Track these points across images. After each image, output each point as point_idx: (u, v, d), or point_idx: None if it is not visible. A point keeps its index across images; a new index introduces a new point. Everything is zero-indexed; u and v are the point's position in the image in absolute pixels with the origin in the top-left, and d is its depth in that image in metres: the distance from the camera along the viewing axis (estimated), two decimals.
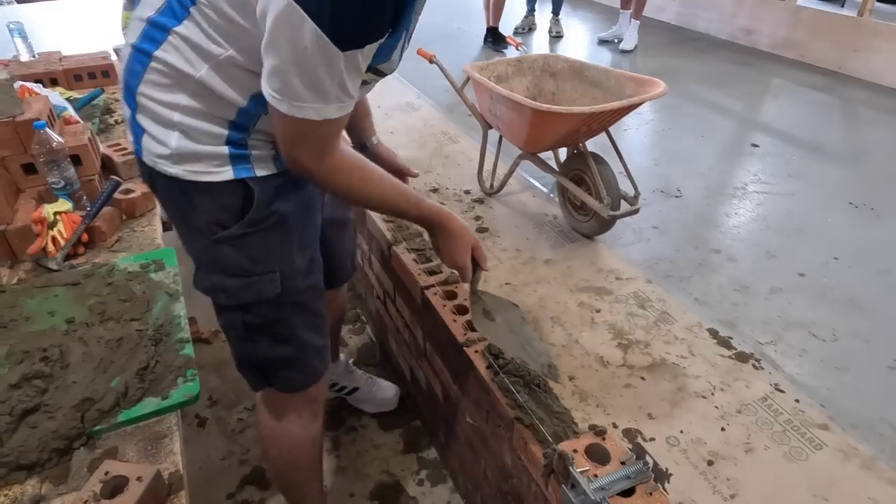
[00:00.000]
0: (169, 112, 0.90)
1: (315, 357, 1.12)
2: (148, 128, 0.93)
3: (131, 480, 0.81)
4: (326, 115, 0.83)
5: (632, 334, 1.88)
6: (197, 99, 0.88)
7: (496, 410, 1.00)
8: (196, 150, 0.92)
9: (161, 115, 0.91)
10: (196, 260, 1.05)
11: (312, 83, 0.79)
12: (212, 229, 0.97)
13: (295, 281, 1.03)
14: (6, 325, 1.14)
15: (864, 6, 4.14)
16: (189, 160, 0.92)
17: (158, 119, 0.91)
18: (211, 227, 0.97)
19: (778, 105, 3.76)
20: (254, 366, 1.11)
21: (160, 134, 0.92)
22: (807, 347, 1.81)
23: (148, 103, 0.91)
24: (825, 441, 1.51)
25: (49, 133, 1.46)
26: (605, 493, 0.74)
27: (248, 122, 0.92)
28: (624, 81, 2.25)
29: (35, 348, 1.06)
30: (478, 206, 2.62)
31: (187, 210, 0.97)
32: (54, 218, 1.42)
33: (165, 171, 0.93)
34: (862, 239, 2.35)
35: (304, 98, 0.80)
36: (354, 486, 1.42)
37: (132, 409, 0.98)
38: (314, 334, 1.10)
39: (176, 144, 0.91)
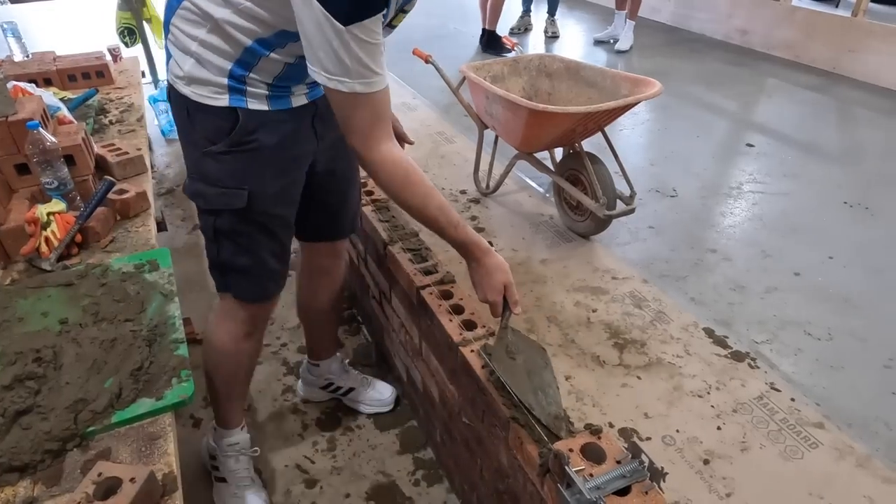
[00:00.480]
0: (189, 42, 1.07)
1: (269, 278, 1.29)
2: (173, 52, 1.12)
3: (125, 482, 0.81)
4: (353, 88, 0.94)
5: (628, 334, 1.88)
6: (213, 35, 1.04)
7: (492, 410, 1.00)
8: (203, 77, 1.08)
9: (183, 44, 1.08)
10: (188, 168, 1.22)
11: (331, 56, 0.91)
12: (203, 143, 1.14)
13: (263, 203, 1.19)
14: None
15: (858, 7, 4.15)
16: (197, 83, 1.09)
17: (181, 46, 1.09)
18: (203, 142, 1.14)
19: (773, 105, 3.77)
20: (217, 268, 1.28)
21: (180, 58, 1.10)
22: (802, 346, 1.81)
23: (176, 32, 1.09)
24: (820, 440, 1.51)
25: (42, 133, 1.46)
26: (601, 493, 0.74)
27: (252, 60, 1.06)
28: (619, 81, 2.25)
29: (28, 349, 1.05)
30: (474, 206, 2.62)
31: (188, 124, 1.15)
32: (48, 218, 1.41)
33: (179, 89, 1.12)
34: (857, 238, 2.35)
35: (330, 70, 0.93)
36: (350, 486, 1.42)
37: (126, 410, 0.97)
38: (274, 259, 1.27)
39: (188, 69, 1.09)
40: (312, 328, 1.66)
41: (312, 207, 1.36)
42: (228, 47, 1.05)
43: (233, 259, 1.25)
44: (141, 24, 3.52)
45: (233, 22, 1.01)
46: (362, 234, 1.59)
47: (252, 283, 1.29)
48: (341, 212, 1.44)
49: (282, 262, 1.31)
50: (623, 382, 1.70)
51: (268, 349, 1.83)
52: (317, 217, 1.42)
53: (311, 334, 1.66)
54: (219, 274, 1.30)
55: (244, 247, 1.24)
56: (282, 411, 1.62)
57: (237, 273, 1.27)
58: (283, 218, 1.26)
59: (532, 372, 1.10)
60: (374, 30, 0.92)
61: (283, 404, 1.64)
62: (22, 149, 1.49)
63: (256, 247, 1.24)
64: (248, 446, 1.42)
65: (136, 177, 1.73)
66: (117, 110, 2.29)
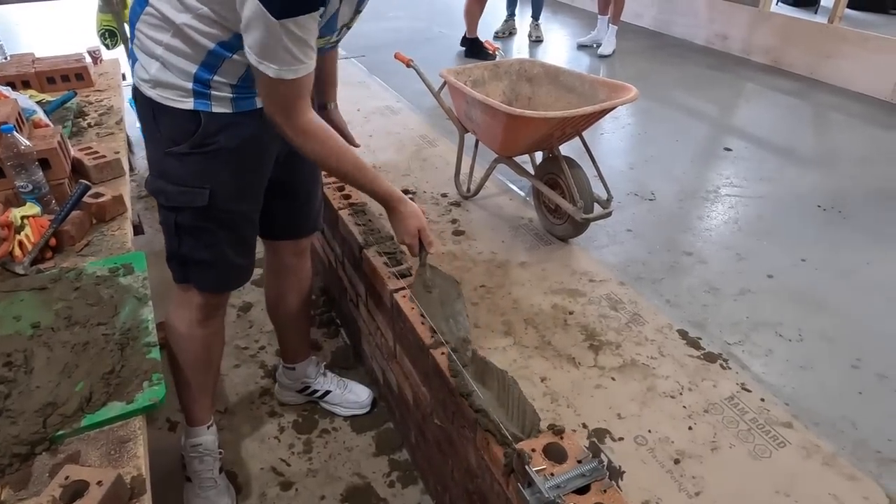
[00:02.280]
0: (154, 46, 1.11)
1: (232, 271, 1.34)
2: (139, 56, 1.16)
3: (91, 485, 0.81)
4: (280, 75, 1.00)
5: (603, 335, 1.91)
6: (176, 39, 1.08)
7: (461, 412, 1.01)
8: (169, 81, 1.12)
9: (148, 48, 1.12)
10: (150, 165, 1.26)
11: (263, 42, 0.97)
12: (167, 144, 1.18)
13: (224, 200, 1.23)
14: None
15: (835, 13, 4.23)
16: (162, 87, 1.14)
17: (146, 50, 1.13)
18: (166, 142, 1.18)
19: (751, 109, 3.83)
20: (177, 260, 1.31)
21: (146, 62, 1.14)
22: (773, 347, 1.85)
23: (141, 37, 1.13)
24: (789, 439, 1.55)
25: (16, 137, 1.45)
26: (561, 491, 0.76)
27: (216, 62, 1.10)
28: (597, 86, 2.29)
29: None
30: (454, 210, 2.63)
31: (153, 125, 1.19)
32: (22, 222, 1.41)
33: (144, 91, 1.16)
34: (829, 241, 2.40)
35: (261, 55, 0.99)
36: (325, 488, 1.42)
37: (96, 414, 0.97)
38: (236, 254, 1.31)
39: (154, 72, 1.13)
40: (283, 330, 1.66)
41: (276, 205, 1.38)
42: (192, 51, 1.09)
43: (193, 253, 1.28)
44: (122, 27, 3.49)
45: (194, 26, 1.06)
46: (339, 237, 1.61)
47: (214, 275, 1.33)
48: (305, 209, 1.46)
49: (245, 256, 1.35)
50: (597, 384, 1.72)
51: (245, 352, 1.84)
52: (281, 215, 1.44)
53: (283, 337, 1.67)
54: (178, 266, 1.33)
55: (205, 242, 1.27)
56: (259, 414, 1.62)
57: (197, 266, 1.31)
58: (246, 214, 1.30)
59: (445, 303, 1.25)
60: (307, 26, 0.98)
61: (260, 407, 1.65)
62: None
63: (218, 242, 1.28)
64: (214, 447, 1.42)
65: (113, 180, 1.73)
66: (96, 113, 2.28)
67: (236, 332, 1.91)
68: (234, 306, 2.04)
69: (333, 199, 1.58)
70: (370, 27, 5.54)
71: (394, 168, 2.99)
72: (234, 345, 1.86)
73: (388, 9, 6.21)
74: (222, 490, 1.40)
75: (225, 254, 1.29)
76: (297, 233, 1.51)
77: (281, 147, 1.28)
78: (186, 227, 1.26)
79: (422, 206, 2.64)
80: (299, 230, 1.51)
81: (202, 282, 1.33)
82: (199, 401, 1.44)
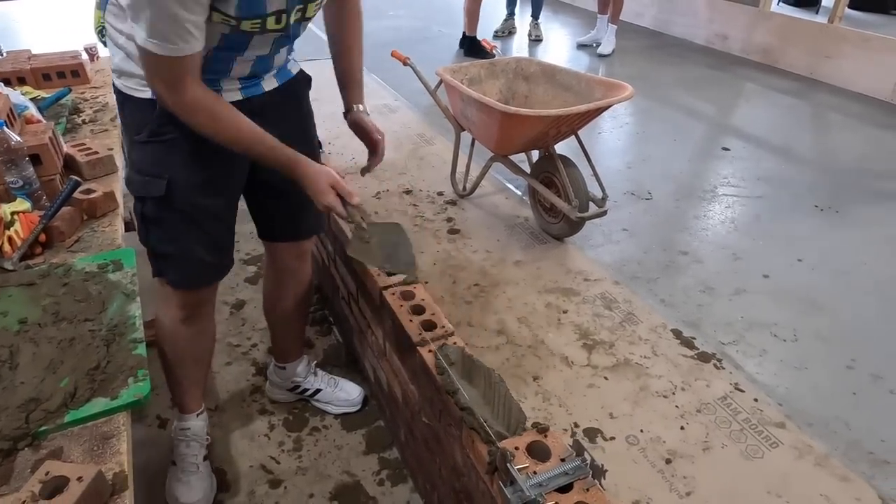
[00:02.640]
0: (117, 36, 1.15)
1: (198, 267, 1.31)
2: (109, 47, 1.20)
3: (72, 480, 0.81)
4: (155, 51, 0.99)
5: (597, 335, 1.90)
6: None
7: (447, 409, 1.01)
8: (130, 70, 1.16)
9: (114, 38, 1.16)
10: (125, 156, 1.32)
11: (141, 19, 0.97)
12: (132, 132, 1.22)
13: (184, 192, 1.23)
14: None
15: (835, 13, 4.22)
16: (125, 76, 1.17)
17: (113, 40, 1.17)
18: (132, 131, 1.22)
19: (750, 109, 3.82)
20: (149, 253, 1.33)
21: (113, 52, 1.19)
22: (767, 347, 1.84)
23: (108, 27, 1.18)
24: (781, 439, 1.54)
25: (7, 132, 1.45)
26: (543, 490, 0.75)
27: None
28: (593, 85, 2.28)
29: None
30: (450, 208, 2.63)
31: (122, 114, 1.25)
32: (11, 217, 1.40)
33: (114, 81, 1.20)
34: (825, 241, 2.39)
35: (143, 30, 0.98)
36: (315, 486, 1.42)
37: (80, 410, 0.97)
38: (202, 249, 1.29)
39: (118, 62, 1.18)
40: (278, 330, 1.65)
41: (271, 207, 1.37)
42: None
43: (158, 245, 1.29)
44: None
45: None
46: (330, 234, 1.60)
47: (179, 271, 1.31)
48: (301, 212, 1.43)
49: (213, 253, 1.32)
50: (590, 383, 1.72)
51: (237, 350, 1.83)
52: (277, 215, 1.43)
53: (277, 336, 1.66)
54: (152, 259, 1.33)
55: (169, 235, 1.27)
56: (249, 412, 1.62)
57: (164, 259, 1.31)
58: (209, 209, 1.27)
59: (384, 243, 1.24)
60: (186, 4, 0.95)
61: (251, 405, 1.64)
62: None
63: (181, 236, 1.27)
64: (202, 434, 1.43)
65: (105, 177, 1.72)
66: (91, 110, 2.28)
67: (229, 330, 1.91)
68: (227, 303, 2.03)
69: None
70: (369, 26, 5.51)
71: (391, 166, 2.99)
72: (227, 342, 1.85)
73: (389, 7, 6.20)
74: (203, 477, 1.39)
75: (191, 249, 1.28)
76: (294, 234, 1.49)
77: None
78: (151, 217, 1.26)
79: (418, 204, 2.64)
80: (297, 232, 1.49)
81: (171, 276, 1.32)
82: (189, 392, 1.45)
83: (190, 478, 1.39)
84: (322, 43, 1.47)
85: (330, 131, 3.39)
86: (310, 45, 5.69)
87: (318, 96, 4.28)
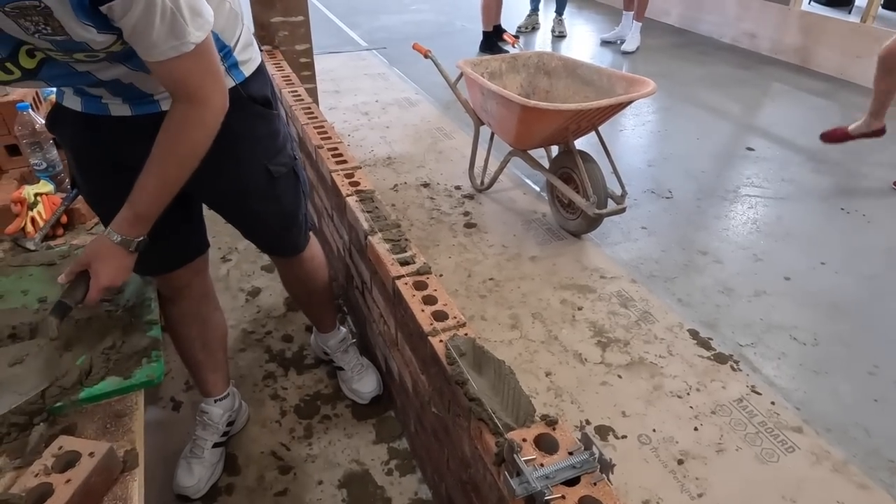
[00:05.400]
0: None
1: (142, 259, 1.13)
2: None
3: (83, 456, 0.82)
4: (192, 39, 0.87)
5: (612, 332, 1.88)
6: None
7: (456, 400, 1.00)
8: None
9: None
10: None
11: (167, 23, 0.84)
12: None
13: (86, 198, 1.23)
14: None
15: (868, 13, 4.11)
16: None
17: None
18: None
19: (776, 109, 3.74)
20: None
21: None
22: (786, 351, 1.80)
23: None
24: (798, 444, 1.51)
25: (32, 115, 1.47)
26: (549, 482, 0.74)
27: None
28: (615, 80, 2.25)
29: (4, 325, 1.07)
30: (468, 202, 2.62)
31: None
32: (34, 199, 1.43)
33: None
34: (851, 245, 2.33)
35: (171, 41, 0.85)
36: (323, 473, 1.42)
37: (94, 388, 0.98)
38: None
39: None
40: (300, 306, 1.73)
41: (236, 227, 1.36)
42: None
43: None
44: None
45: None
46: (346, 224, 1.60)
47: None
48: (261, 234, 1.38)
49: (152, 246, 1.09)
50: (603, 380, 1.70)
51: (252, 337, 1.84)
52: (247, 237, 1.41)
53: (303, 310, 1.73)
54: None
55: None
56: (261, 398, 1.63)
57: None
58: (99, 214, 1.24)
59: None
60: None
61: (263, 390, 1.65)
62: (12, 130, 1.51)
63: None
64: (219, 421, 1.43)
65: None
66: None
67: (244, 317, 1.92)
68: (242, 290, 2.05)
69: (342, 186, 1.57)
70: (392, 20, 5.53)
71: (409, 159, 2.99)
72: (241, 329, 1.87)
73: (411, 1, 6.19)
74: (206, 465, 1.39)
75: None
76: (273, 251, 1.46)
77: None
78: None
79: (435, 197, 2.64)
80: (276, 250, 1.45)
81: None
82: (198, 376, 1.46)
83: (191, 461, 1.40)
84: (345, 36, 1.46)
85: (348, 123, 3.40)
86: (333, 38, 5.68)
87: (339, 88, 4.29)
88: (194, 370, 1.45)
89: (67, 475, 0.80)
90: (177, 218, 1.18)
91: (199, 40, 0.88)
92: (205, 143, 0.98)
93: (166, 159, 0.97)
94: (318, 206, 2.03)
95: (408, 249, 1.34)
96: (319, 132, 1.87)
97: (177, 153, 0.97)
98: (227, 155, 1.12)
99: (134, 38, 0.85)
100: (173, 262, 1.28)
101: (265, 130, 1.21)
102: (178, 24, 0.84)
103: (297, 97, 2.16)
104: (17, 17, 0.77)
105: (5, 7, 0.75)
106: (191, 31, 0.87)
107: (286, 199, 1.30)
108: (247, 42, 1.15)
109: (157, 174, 0.98)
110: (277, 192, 1.27)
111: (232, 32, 1.10)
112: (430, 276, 1.25)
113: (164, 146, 0.97)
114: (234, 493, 1.40)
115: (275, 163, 1.23)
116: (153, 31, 0.83)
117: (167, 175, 0.98)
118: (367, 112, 3.55)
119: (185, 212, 1.25)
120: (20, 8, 0.75)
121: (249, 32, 1.18)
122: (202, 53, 0.91)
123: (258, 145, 1.20)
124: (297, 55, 2.79)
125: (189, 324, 1.39)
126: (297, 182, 1.31)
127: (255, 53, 1.18)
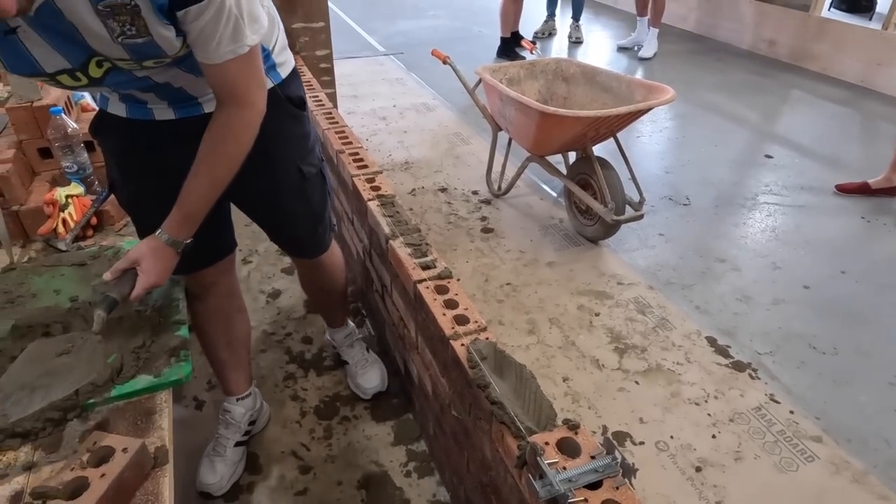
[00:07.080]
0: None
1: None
2: None
3: (117, 451, 0.84)
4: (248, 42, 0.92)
5: (629, 339, 1.88)
6: None
7: (478, 403, 1.02)
8: None
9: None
10: None
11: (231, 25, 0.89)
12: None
13: (119, 197, 1.26)
14: (14, 300, 1.18)
15: (889, 20, 4.07)
16: None
17: None
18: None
19: (796, 117, 3.72)
20: None
21: None
22: (805, 359, 1.80)
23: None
24: (817, 453, 1.50)
25: (65, 119, 1.51)
26: (572, 485, 0.76)
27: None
28: (634, 87, 2.26)
29: (38, 324, 1.10)
30: (485, 207, 2.64)
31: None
32: (66, 201, 1.47)
33: None
34: (872, 254, 2.32)
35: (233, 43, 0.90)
36: (343, 474, 1.44)
37: (125, 385, 1.01)
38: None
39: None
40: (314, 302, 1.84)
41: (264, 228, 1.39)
42: None
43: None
44: None
45: None
46: (367, 228, 1.62)
47: None
48: (289, 234, 1.41)
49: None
50: (621, 387, 1.70)
51: (272, 338, 1.87)
52: (273, 237, 1.44)
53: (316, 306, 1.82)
54: None
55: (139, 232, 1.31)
56: (282, 398, 1.65)
57: None
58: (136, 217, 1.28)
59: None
60: None
61: (283, 391, 1.68)
62: (45, 133, 1.55)
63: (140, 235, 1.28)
64: (241, 420, 1.46)
65: None
66: None
67: (264, 318, 1.95)
68: (263, 292, 2.08)
69: (363, 191, 1.60)
70: (409, 25, 5.57)
71: (426, 164, 3.01)
72: (262, 330, 1.90)
73: (428, 7, 6.23)
74: (228, 463, 1.42)
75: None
76: (296, 253, 1.50)
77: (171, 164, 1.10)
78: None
79: (452, 202, 2.66)
80: (298, 252, 1.48)
81: None
82: (221, 374, 1.48)
83: (214, 459, 1.43)
84: (362, 41, 1.48)
85: (366, 127, 3.44)
86: (351, 43, 5.72)
87: (357, 92, 4.33)
88: (218, 368, 1.48)
89: (102, 469, 0.82)
90: (208, 217, 1.20)
91: (253, 43, 0.94)
92: (249, 144, 1.03)
93: (214, 161, 1.02)
94: (339, 210, 2.06)
95: (429, 254, 1.35)
96: (340, 137, 1.90)
97: (224, 154, 1.02)
98: (265, 155, 1.16)
99: (199, 41, 0.90)
100: (203, 260, 1.32)
101: (299, 131, 1.26)
102: (240, 28, 0.90)
103: (319, 102, 2.19)
104: (108, 17, 0.81)
105: (98, 5, 0.79)
106: (248, 35, 0.92)
107: (315, 198, 1.35)
108: (283, 45, 1.21)
109: (206, 175, 1.03)
110: (308, 191, 1.32)
111: (270, 36, 1.14)
112: (451, 280, 1.27)
113: (211, 148, 1.01)
114: (255, 491, 1.42)
115: (306, 163, 1.29)
116: (217, 34, 0.88)
117: (215, 176, 1.03)
118: (385, 117, 3.58)
119: (216, 212, 1.28)
120: (112, 6, 0.80)
121: (284, 36, 1.22)
122: (253, 57, 0.96)
123: (292, 145, 1.25)
124: (318, 60, 2.83)
125: (214, 322, 1.41)
126: (323, 182, 1.36)
127: (289, 56, 1.23)
